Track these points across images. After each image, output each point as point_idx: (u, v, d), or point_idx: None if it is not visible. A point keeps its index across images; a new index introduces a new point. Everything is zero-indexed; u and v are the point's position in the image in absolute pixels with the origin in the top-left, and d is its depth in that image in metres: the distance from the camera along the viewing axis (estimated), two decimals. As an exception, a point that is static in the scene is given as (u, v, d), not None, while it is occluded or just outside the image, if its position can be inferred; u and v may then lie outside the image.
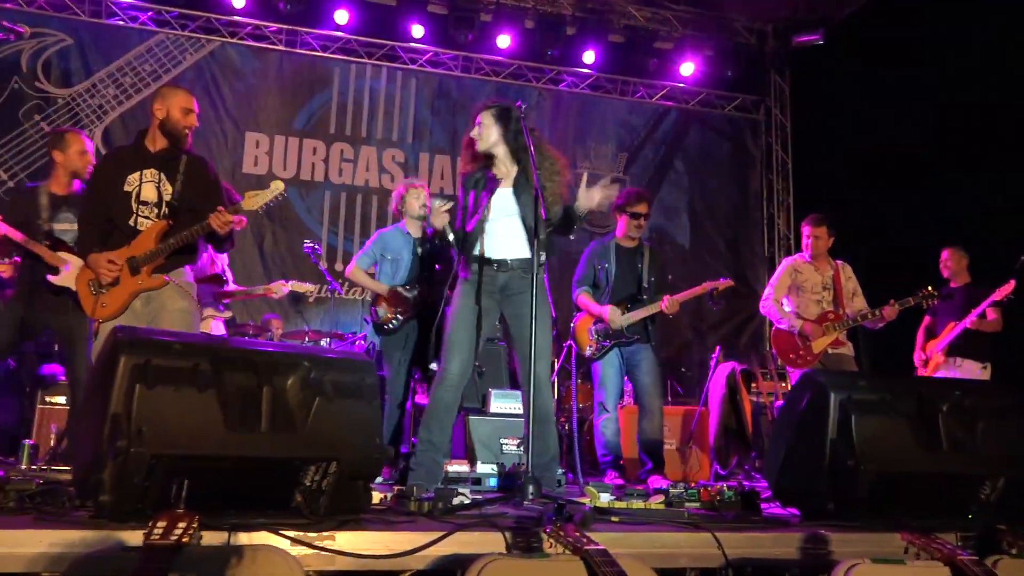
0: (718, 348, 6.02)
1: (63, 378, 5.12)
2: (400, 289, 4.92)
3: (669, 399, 6.87)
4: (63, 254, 4.18)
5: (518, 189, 3.77)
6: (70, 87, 7.71)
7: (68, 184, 4.40)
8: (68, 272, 4.15)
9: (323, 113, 8.44)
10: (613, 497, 3.00)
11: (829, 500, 2.71)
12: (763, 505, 3.12)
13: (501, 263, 3.73)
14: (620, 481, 4.66)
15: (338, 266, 8.13)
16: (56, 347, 5.22)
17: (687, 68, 9.21)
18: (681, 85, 9.38)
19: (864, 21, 8.63)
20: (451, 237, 3.70)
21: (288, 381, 2.37)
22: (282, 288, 5.42)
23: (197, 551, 1.72)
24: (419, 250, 5.05)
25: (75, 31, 7.76)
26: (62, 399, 5.13)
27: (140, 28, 7.95)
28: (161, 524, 1.74)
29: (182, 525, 1.75)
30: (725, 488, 3.05)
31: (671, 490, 3.05)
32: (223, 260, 5.27)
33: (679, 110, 9.50)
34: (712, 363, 5.84)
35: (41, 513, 2.26)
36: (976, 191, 6.87)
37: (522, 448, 5.01)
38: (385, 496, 2.95)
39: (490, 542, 2.21)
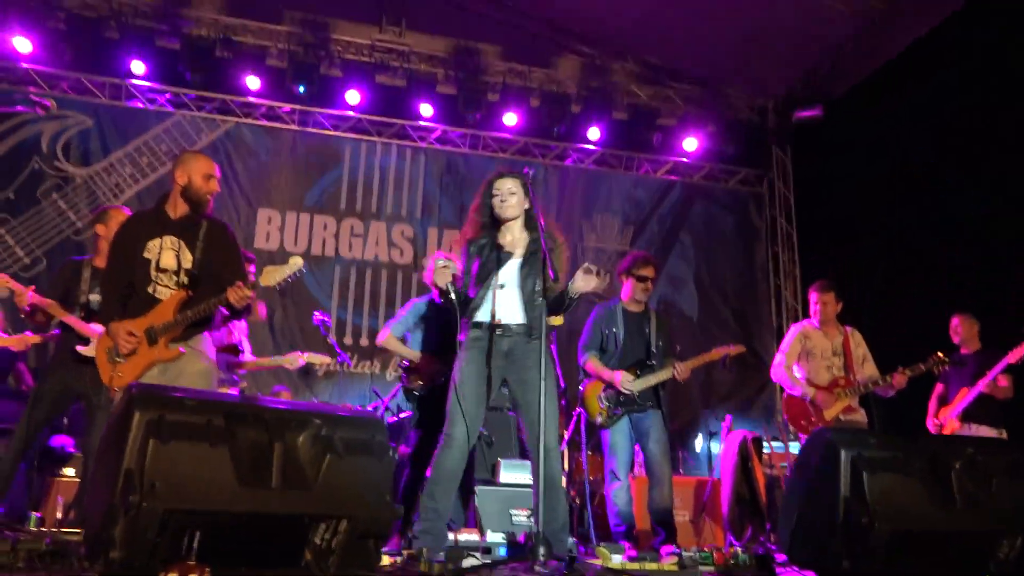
0: (728, 417, 5.98)
1: (71, 450, 5.11)
2: (431, 356, 4.98)
3: (680, 470, 6.79)
4: (96, 325, 4.24)
5: (528, 259, 3.83)
6: (88, 166, 7.93)
7: None
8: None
9: (334, 190, 8.63)
10: (625, 559, 2.96)
11: (844, 559, 2.67)
12: (778, 570, 3.07)
13: (506, 328, 3.75)
14: (634, 552, 4.57)
15: (347, 340, 8.18)
16: (65, 420, 5.24)
17: (690, 143, 9.41)
18: (685, 160, 9.57)
19: (863, 94, 8.86)
20: (452, 296, 3.71)
21: (299, 438, 2.38)
22: (298, 360, 5.43)
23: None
24: (449, 320, 5.15)
25: (95, 113, 8.02)
26: (71, 471, 5.10)
27: (158, 110, 8.22)
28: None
29: (192, 577, 1.75)
30: (739, 551, 3.00)
31: (684, 553, 3.00)
32: (241, 331, 5.30)
33: (683, 184, 9.66)
34: (724, 432, 5.79)
35: (51, 573, 2.24)
36: (984, 257, 6.90)
37: (532, 518, 4.96)
38: (395, 560, 2.91)
39: (501, 599, 2.18)
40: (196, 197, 3.75)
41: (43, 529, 3.77)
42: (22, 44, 7.56)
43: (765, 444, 5.61)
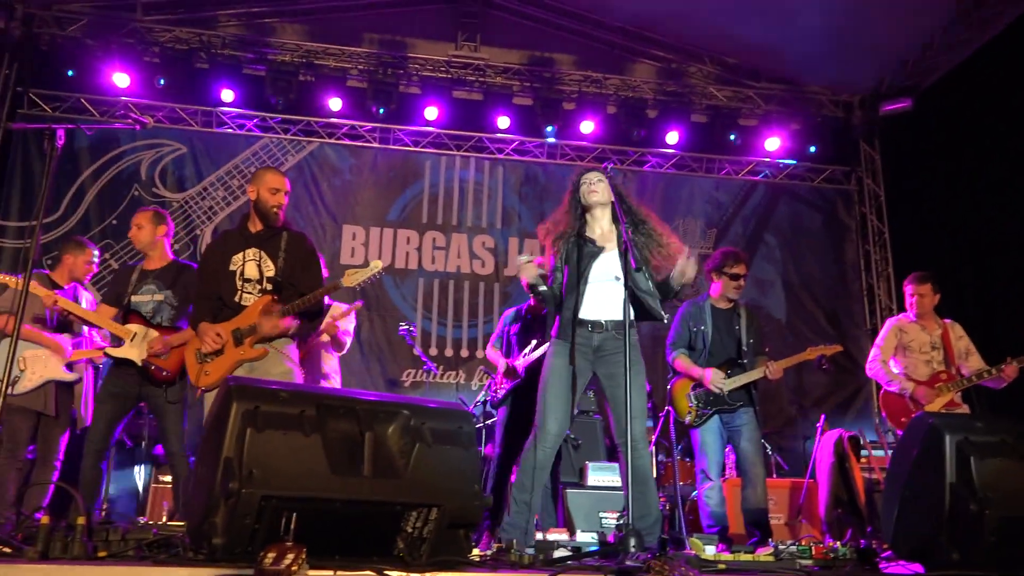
0: (823, 417, 5.78)
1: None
2: (509, 362, 5.12)
3: (774, 474, 6.60)
4: (132, 325, 4.41)
5: (619, 252, 3.82)
6: (183, 191, 8.30)
7: (161, 258, 4.68)
8: (131, 343, 4.37)
9: (416, 204, 8.78)
10: (718, 551, 2.89)
11: (952, 549, 2.54)
12: (881, 564, 2.94)
13: (595, 324, 3.74)
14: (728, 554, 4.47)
15: (432, 351, 8.29)
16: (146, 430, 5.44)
17: (772, 143, 9.22)
18: (767, 159, 9.38)
19: (954, 84, 8.52)
20: (542, 290, 3.73)
21: (389, 428, 2.42)
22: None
23: (304, 580, 1.74)
24: (525, 325, 5.27)
25: (189, 140, 8.40)
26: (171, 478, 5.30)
27: (247, 134, 8.55)
28: (271, 554, 1.79)
29: (291, 556, 1.79)
30: (839, 545, 2.89)
31: (779, 546, 2.91)
32: (332, 367, 5.32)
33: (767, 184, 9.46)
34: (818, 432, 5.61)
35: (157, 561, 2.34)
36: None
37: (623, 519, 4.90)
38: (485, 554, 2.92)
39: (594, 586, 2.16)
40: (264, 210, 3.95)
41: (150, 521, 3.94)
42: (121, 79, 7.98)
43: (863, 445, 5.41)
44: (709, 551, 2.85)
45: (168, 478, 5.40)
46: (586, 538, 4.09)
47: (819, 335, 8.97)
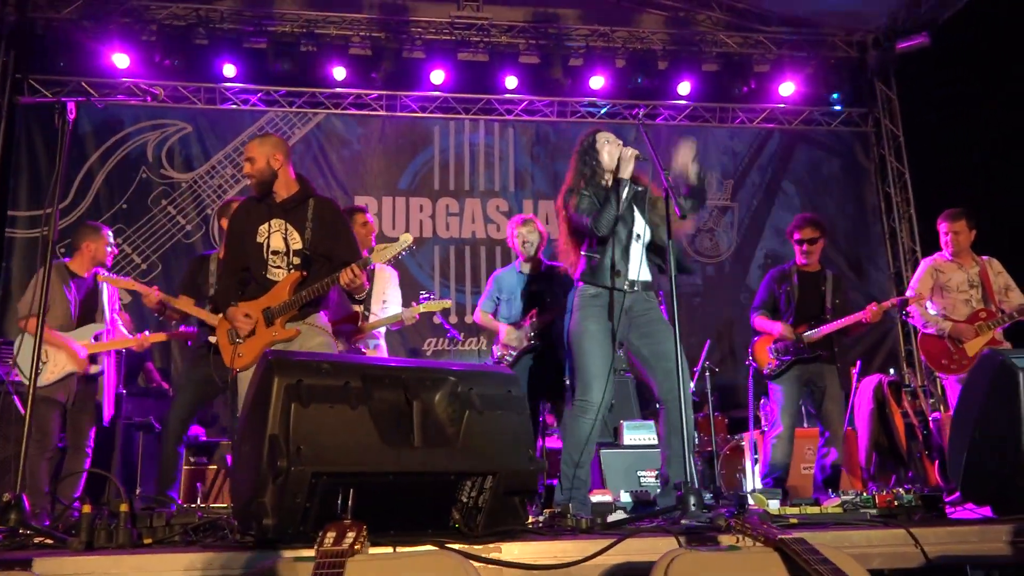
0: (859, 362, 5.68)
1: (204, 438, 5.27)
2: (511, 326, 4.97)
3: (805, 423, 6.53)
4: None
5: (643, 209, 3.73)
6: (192, 171, 8.16)
7: None
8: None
9: (426, 171, 8.64)
10: (783, 504, 2.80)
11: (1029, 492, 2.44)
12: (948, 509, 2.85)
13: (632, 283, 3.64)
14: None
15: (452, 319, 8.19)
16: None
17: (787, 88, 9.00)
18: (782, 105, 9.16)
19: (973, 16, 8.26)
20: (625, 193, 3.56)
21: (436, 396, 2.32)
22: (414, 313, 5.26)
23: (370, 558, 1.65)
24: (532, 286, 5.09)
25: (193, 119, 8.25)
26: (205, 459, 5.27)
27: (251, 109, 8.39)
28: (331, 534, 1.70)
29: (351, 534, 1.70)
30: (902, 491, 2.80)
31: (842, 496, 2.82)
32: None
33: (782, 131, 9.26)
34: (854, 378, 5.51)
35: (205, 545, 2.26)
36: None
37: (660, 479, 4.83)
38: (536, 520, 2.84)
39: (663, 548, 2.07)
40: (261, 177, 3.74)
41: (194, 505, 3.88)
42: (120, 60, 7.82)
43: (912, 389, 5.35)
44: (773, 505, 2.76)
45: (204, 459, 5.35)
46: (629, 497, 4.00)
47: (844, 281, 8.82)
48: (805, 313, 4.93)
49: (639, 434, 5.11)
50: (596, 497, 3.84)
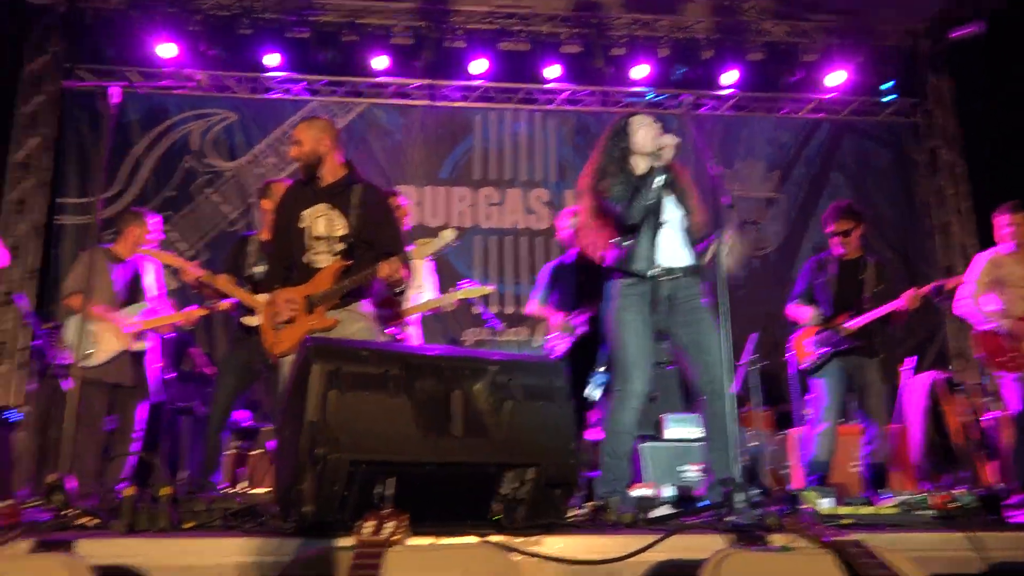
0: (907, 360, 5.52)
1: (247, 424, 5.31)
2: (563, 317, 4.94)
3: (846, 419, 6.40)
4: (262, 296, 4.34)
5: (678, 195, 3.66)
6: (235, 160, 8.23)
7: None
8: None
9: (467, 161, 8.60)
10: (835, 503, 2.71)
11: (1098, 494, 2.32)
12: (1007, 512, 2.73)
13: (669, 271, 3.56)
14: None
15: (492, 309, 8.15)
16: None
17: (835, 78, 8.78)
18: (830, 96, 8.94)
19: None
20: (658, 180, 3.48)
21: (476, 385, 2.28)
22: (453, 299, 5.22)
23: (410, 549, 1.62)
24: (583, 277, 5.04)
25: (237, 108, 8.31)
26: (249, 444, 5.31)
27: (294, 99, 8.42)
28: (370, 524, 1.67)
29: (391, 524, 1.67)
30: (960, 492, 2.69)
31: (897, 496, 2.72)
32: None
33: (831, 122, 9.05)
34: (903, 376, 5.35)
35: (245, 530, 2.25)
36: None
37: (704, 473, 4.75)
38: (578, 514, 2.78)
39: (710, 546, 2.00)
40: (307, 160, 3.72)
41: (233, 490, 3.90)
42: (167, 49, 7.90)
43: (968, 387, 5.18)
44: (825, 504, 2.67)
45: (245, 444, 5.40)
46: (671, 492, 3.92)
47: (893, 277, 8.61)
48: (843, 303, 4.75)
49: (682, 427, 5.02)
50: (637, 491, 3.79)
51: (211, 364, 6.55)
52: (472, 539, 1.94)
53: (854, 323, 4.61)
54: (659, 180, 3.48)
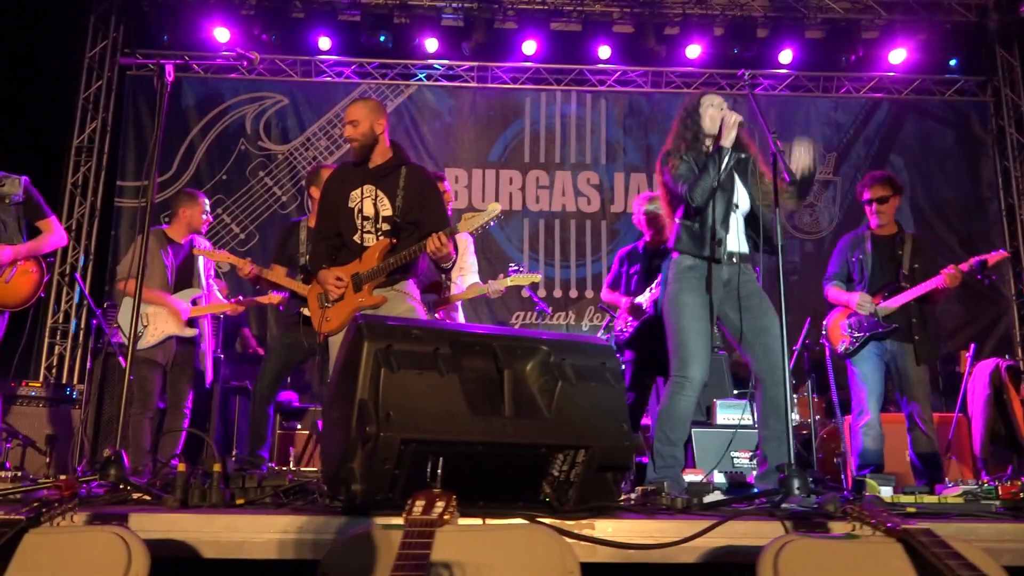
0: (972, 346, 5.33)
1: (297, 404, 5.37)
2: (635, 302, 4.88)
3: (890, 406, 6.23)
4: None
5: (745, 178, 3.57)
6: (287, 143, 8.31)
7: None
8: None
9: (517, 143, 8.55)
10: (892, 492, 2.62)
11: None
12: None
13: (730, 255, 3.48)
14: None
15: (540, 292, 8.11)
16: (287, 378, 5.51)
17: (897, 56, 8.50)
18: (891, 74, 8.66)
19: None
20: (725, 161, 3.39)
21: (527, 365, 2.24)
22: (501, 286, 5.20)
23: (460, 529, 1.60)
24: (655, 262, 4.99)
25: (289, 92, 8.39)
26: (297, 424, 5.37)
27: (345, 82, 8.46)
28: (420, 503, 1.65)
29: (441, 504, 1.64)
30: (1029, 483, 2.57)
31: (962, 485, 2.62)
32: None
33: (891, 101, 8.76)
34: (968, 362, 5.17)
35: (295, 508, 2.26)
36: None
37: (755, 460, 4.66)
38: (628, 497, 2.74)
39: (768, 532, 1.94)
40: (364, 141, 3.69)
41: (284, 468, 3.94)
42: (221, 34, 8.00)
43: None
44: (885, 492, 2.59)
45: (296, 424, 5.47)
46: (722, 478, 3.85)
47: (954, 261, 8.31)
48: (880, 281, 4.50)
49: (733, 413, 4.95)
50: (688, 477, 3.72)
51: (263, 346, 6.65)
52: (521, 521, 1.92)
53: (891, 303, 4.37)
54: (725, 162, 3.39)
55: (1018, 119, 8.67)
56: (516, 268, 6.08)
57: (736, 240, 3.51)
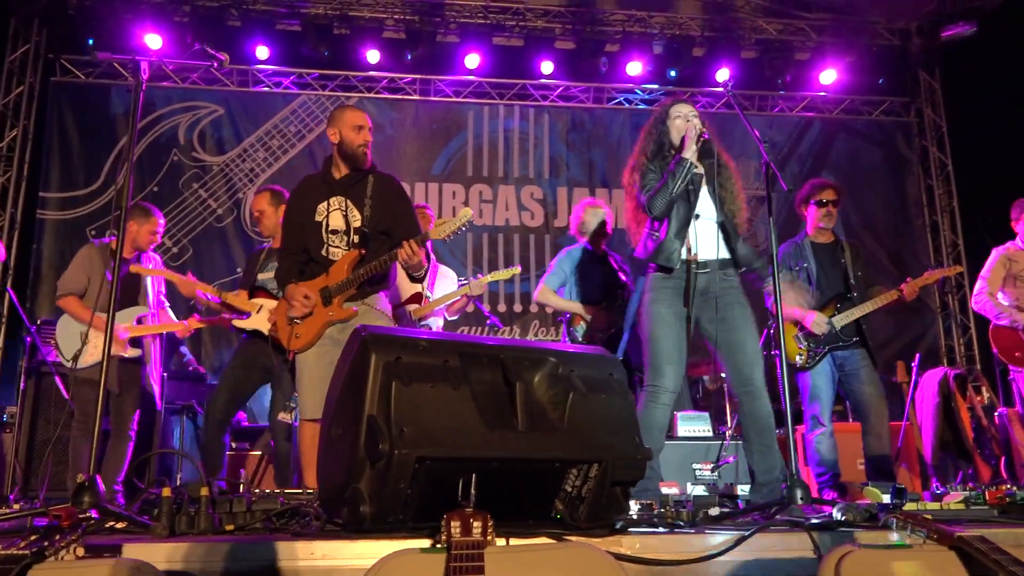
0: (917, 356, 5.49)
1: (246, 424, 5.15)
2: (597, 307, 4.83)
3: (850, 418, 6.36)
4: (257, 299, 4.26)
5: (716, 189, 3.59)
6: (223, 154, 8.03)
7: None
8: (257, 315, 4.22)
9: (460, 157, 8.48)
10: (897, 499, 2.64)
11: None
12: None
13: (703, 264, 3.48)
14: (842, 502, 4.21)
15: (485, 306, 8.03)
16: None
17: (827, 76, 8.81)
18: (822, 94, 8.97)
19: (1018, 7, 8.03)
20: (684, 174, 3.39)
21: (536, 377, 2.16)
22: (482, 285, 5.10)
23: (507, 550, 1.51)
24: (609, 265, 4.97)
25: (225, 101, 8.11)
26: (246, 444, 5.15)
27: (284, 92, 8.24)
28: (456, 523, 1.55)
29: (478, 524, 1.55)
30: (1015, 488, 2.63)
31: (962, 492, 2.65)
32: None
33: (822, 120, 9.06)
34: (914, 372, 5.32)
35: (293, 533, 2.12)
36: None
37: (717, 474, 4.68)
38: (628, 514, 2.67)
39: (795, 544, 1.91)
40: (350, 151, 3.60)
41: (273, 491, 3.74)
42: (153, 41, 7.68)
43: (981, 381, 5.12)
44: (887, 500, 2.60)
45: (245, 445, 5.24)
46: (700, 490, 3.85)
47: (883, 274, 8.62)
48: (829, 291, 4.47)
49: (693, 425, 4.95)
50: (664, 489, 3.70)
51: (202, 364, 6.38)
52: (547, 540, 1.83)
53: (849, 316, 4.37)
54: (684, 173, 3.40)
55: (939, 139, 9.08)
56: (464, 280, 6.01)
57: (714, 248, 3.51)
